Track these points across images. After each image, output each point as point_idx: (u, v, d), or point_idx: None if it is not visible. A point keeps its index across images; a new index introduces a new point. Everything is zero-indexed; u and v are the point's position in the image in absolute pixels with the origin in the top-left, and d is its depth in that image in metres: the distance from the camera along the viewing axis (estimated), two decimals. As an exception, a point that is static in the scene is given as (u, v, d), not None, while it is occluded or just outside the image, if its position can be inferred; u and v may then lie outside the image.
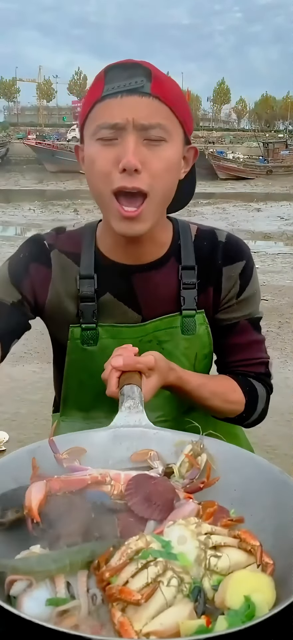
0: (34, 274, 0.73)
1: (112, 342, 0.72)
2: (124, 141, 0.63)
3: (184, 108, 0.67)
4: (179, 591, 0.40)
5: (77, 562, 0.41)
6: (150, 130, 0.63)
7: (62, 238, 0.76)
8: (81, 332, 0.73)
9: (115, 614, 0.38)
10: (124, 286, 0.73)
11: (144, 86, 0.62)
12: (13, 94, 67.81)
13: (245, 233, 7.59)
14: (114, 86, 0.62)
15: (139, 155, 0.63)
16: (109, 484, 0.51)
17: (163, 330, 0.73)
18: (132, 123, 0.62)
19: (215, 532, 0.45)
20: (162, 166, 0.64)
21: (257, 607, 0.39)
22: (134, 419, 0.59)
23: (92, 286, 0.72)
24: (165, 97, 0.64)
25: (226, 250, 0.75)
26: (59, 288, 0.73)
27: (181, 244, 0.74)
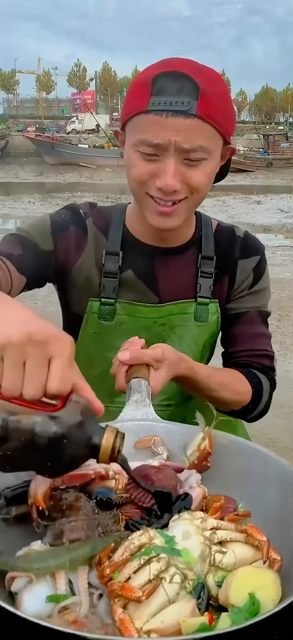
0: (72, 235, 0.75)
1: (128, 319, 0.74)
2: (164, 161, 0.64)
3: (227, 116, 0.66)
4: (182, 588, 0.39)
5: (78, 559, 0.41)
6: (192, 153, 0.64)
7: (94, 211, 0.78)
8: (100, 306, 0.75)
9: (116, 610, 0.38)
10: (146, 266, 0.75)
11: (191, 107, 0.62)
12: (12, 86, 67.18)
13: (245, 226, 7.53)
14: (161, 102, 0.62)
15: (178, 175, 0.64)
16: (113, 479, 0.51)
17: (177, 315, 0.75)
18: (174, 145, 0.63)
19: (221, 527, 0.44)
20: (202, 181, 0.66)
21: (261, 604, 0.38)
22: (140, 413, 0.59)
23: (117, 262, 0.75)
24: (210, 116, 0.63)
25: (243, 245, 0.78)
26: (90, 256, 0.75)
27: (203, 235, 0.77)
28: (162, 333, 0.75)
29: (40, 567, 0.40)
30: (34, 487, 0.47)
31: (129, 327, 0.74)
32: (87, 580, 0.40)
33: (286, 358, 2.90)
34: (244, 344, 0.78)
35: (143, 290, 0.75)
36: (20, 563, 0.40)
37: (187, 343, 0.75)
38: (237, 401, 0.76)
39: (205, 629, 0.37)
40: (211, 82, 0.64)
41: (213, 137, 0.65)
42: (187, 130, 0.62)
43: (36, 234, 0.74)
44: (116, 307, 0.75)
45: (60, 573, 0.40)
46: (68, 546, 0.42)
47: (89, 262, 0.76)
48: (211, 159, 0.66)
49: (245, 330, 0.78)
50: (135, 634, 0.36)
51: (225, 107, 0.66)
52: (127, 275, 0.75)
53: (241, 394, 0.76)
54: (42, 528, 0.45)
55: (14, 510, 0.47)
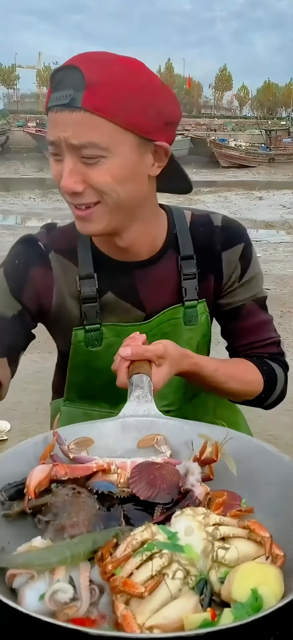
0: (36, 280, 0.69)
1: (117, 340, 0.70)
2: (64, 160, 0.59)
3: (136, 107, 0.58)
4: (185, 584, 0.39)
5: (79, 554, 0.40)
6: (83, 150, 0.58)
7: (55, 236, 0.72)
8: (85, 334, 0.71)
9: (119, 606, 0.37)
10: (126, 284, 0.71)
11: (75, 99, 0.56)
12: (12, 81, 66.84)
13: (247, 222, 7.51)
14: (53, 97, 0.59)
15: (77, 176, 0.59)
16: (115, 473, 0.50)
17: (166, 322, 0.72)
18: (65, 142, 0.58)
19: (224, 523, 0.44)
20: (108, 181, 0.59)
21: (264, 600, 0.38)
22: (142, 409, 0.58)
23: (94, 286, 0.70)
24: (99, 109, 0.57)
25: (223, 235, 0.73)
26: (62, 289, 0.71)
27: (177, 233, 0.72)
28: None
29: (42, 563, 0.40)
30: (30, 475, 0.47)
31: (119, 347, 0.68)
32: (88, 577, 0.40)
33: (288, 354, 2.83)
34: (247, 337, 0.76)
35: (127, 308, 0.71)
36: (21, 560, 0.40)
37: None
38: (247, 391, 0.73)
39: (207, 625, 0.37)
40: (106, 73, 0.57)
41: (109, 132, 0.57)
42: (74, 125, 0.57)
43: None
44: (103, 331, 0.70)
45: (59, 569, 0.39)
46: (69, 541, 0.42)
47: (63, 297, 0.70)
48: (114, 157, 0.58)
49: (245, 324, 0.75)
50: (137, 630, 0.36)
51: (130, 99, 0.58)
52: (107, 298, 0.71)
53: (251, 384, 0.73)
54: (43, 524, 0.45)
55: (16, 506, 0.47)
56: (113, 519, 0.46)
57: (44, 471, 0.47)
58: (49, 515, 0.45)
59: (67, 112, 0.57)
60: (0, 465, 0.50)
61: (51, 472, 0.48)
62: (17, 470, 0.50)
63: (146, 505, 0.48)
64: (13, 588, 0.40)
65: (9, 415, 2.24)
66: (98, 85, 0.57)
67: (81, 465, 0.51)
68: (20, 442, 0.55)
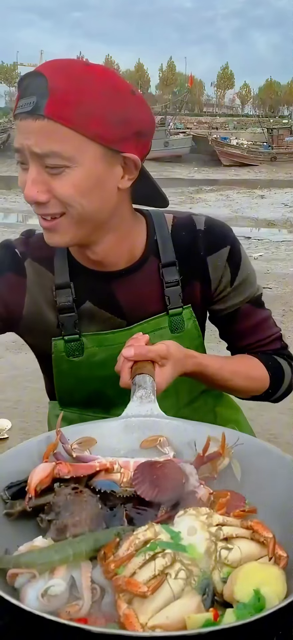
0: (5, 286, 0.68)
1: (99, 350, 0.69)
2: (28, 169, 0.58)
3: (100, 116, 0.56)
4: (187, 584, 0.39)
5: (81, 552, 0.40)
6: (46, 159, 0.56)
7: (33, 243, 0.70)
8: (65, 344, 0.69)
9: (121, 605, 0.37)
10: (104, 293, 0.69)
11: (38, 107, 0.55)
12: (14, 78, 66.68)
13: (248, 220, 7.50)
14: (19, 105, 0.58)
15: (40, 185, 0.57)
16: (118, 472, 0.50)
17: (151, 332, 0.69)
18: (28, 151, 0.57)
19: (227, 523, 0.44)
20: (71, 192, 0.57)
21: (266, 600, 0.38)
22: (145, 409, 0.58)
23: (70, 296, 0.68)
24: (61, 117, 0.55)
25: (207, 239, 0.70)
26: (36, 298, 0.69)
27: (158, 239, 0.69)
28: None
29: (45, 562, 0.39)
30: (32, 473, 0.47)
31: (102, 357, 0.68)
32: (90, 577, 0.40)
33: (289, 353, 2.87)
34: (248, 338, 0.75)
35: (107, 318, 0.69)
36: (24, 560, 0.40)
37: None
38: (253, 388, 0.72)
39: (210, 625, 0.37)
40: (70, 80, 0.56)
41: (73, 142, 0.56)
42: (37, 133, 0.56)
43: None
44: (83, 342, 0.68)
45: (59, 569, 0.39)
46: (71, 540, 0.42)
47: (36, 305, 0.69)
48: (77, 167, 0.57)
49: (245, 326, 0.73)
50: (140, 629, 0.36)
51: (93, 107, 0.56)
52: (86, 307, 0.68)
53: (257, 379, 0.72)
54: (46, 523, 0.45)
55: (18, 505, 0.47)
56: (115, 519, 0.46)
57: (46, 470, 0.47)
58: (52, 514, 0.45)
59: (31, 120, 0.56)
60: (4, 463, 0.50)
61: (54, 471, 0.48)
62: (20, 468, 0.50)
63: (149, 505, 0.48)
64: (14, 587, 0.40)
65: (10, 413, 2.24)
66: (61, 93, 0.55)
67: (84, 464, 0.51)
68: (22, 440, 0.56)
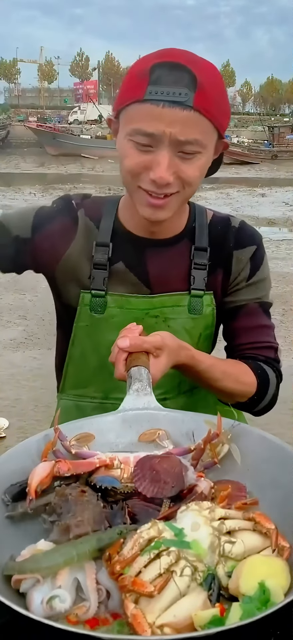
0: (58, 226, 0.74)
1: (119, 311, 0.73)
2: (158, 153, 0.62)
3: (223, 110, 0.65)
4: (193, 580, 0.39)
5: (85, 553, 0.40)
6: (186, 146, 0.62)
7: (87, 202, 0.77)
8: (91, 298, 0.73)
9: (128, 605, 0.37)
10: (137, 258, 0.74)
11: (188, 99, 0.60)
12: (14, 75, 66.48)
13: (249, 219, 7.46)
14: (158, 91, 0.60)
15: (171, 168, 0.63)
16: (118, 468, 0.50)
17: (170, 307, 0.73)
18: (169, 137, 0.61)
19: (229, 517, 0.44)
20: (195, 175, 0.65)
21: (271, 592, 0.38)
22: (142, 402, 0.58)
23: (106, 254, 0.73)
24: (206, 110, 0.62)
25: (238, 235, 0.76)
26: (80, 246, 0.74)
27: (196, 225, 0.75)
28: (155, 326, 0.72)
29: (49, 565, 0.39)
30: (32, 474, 0.46)
31: (120, 319, 0.71)
32: (95, 578, 0.40)
33: (290, 353, 2.87)
34: (246, 336, 0.76)
35: (134, 282, 0.74)
36: (28, 565, 0.39)
37: (181, 336, 0.72)
38: (241, 391, 0.74)
39: (216, 621, 0.36)
40: (208, 75, 0.63)
41: (208, 131, 0.63)
42: (183, 122, 0.61)
43: (15, 220, 0.74)
44: (107, 300, 0.73)
45: (62, 573, 0.39)
46: (74, 541, 0.41)
47: (78, 253, 0.74)
48: (205, 153, 0.64)
49: (246, 323, 0.76)
50: (148, 629, 0.36)
51: (221, 101, 0.64)
52: (117, 267, 0.74)
53: (245, 384, 0.74)
54: (49, 524, 0.44)
55: (20, 507, 0.46)
56: (118, 517, 0.45)
57: (46, 469, 0.47)
58: (54, 515, 0.44)
59: (178, 110, 0.60)
60: (4, 464, 0.50)
61: (54, 469, 0.47)
62: (20, 468, 0.49)
63: (151, 500, 0.47)
64: (19, 591, 0.40)
65: (8, 412, 2.22)
66: (205, 87, 0.61)
67: (84, 461, 0.51)
68: (20, 440, 0.56)
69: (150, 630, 0.36)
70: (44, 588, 0.38)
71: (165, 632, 0.36)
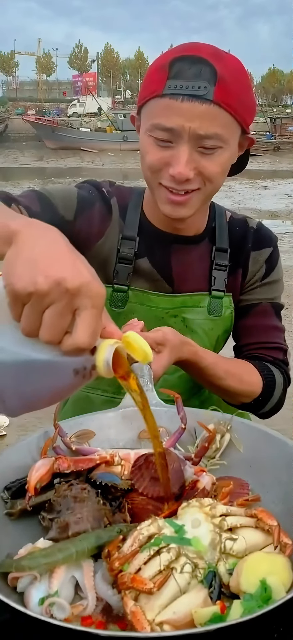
0: (97, 213, 0.73)
1: (140, 307, 0.72)
2: (178, 148, 0.61)
3: (246, 105, 0.63)
4: (193, 577, 0.38)
5: (84, 550, 0.40)
6: (206, 140, 0.61)
7: (115, 191, 0.76)
8: (112, 292, 0.73)
9: (128, 603, 0.37)
10: (162, 255, 0.73)
11: (208, 92, 0.59)
12: (11, 68, 65.89)
13: (251, 212, 7.40)
14: (177, 85, 0.59)
15: (191, 163, 0.62)
16: (119, 464, 0.50)
17: (190, 307, 0.73)
18: (189, 132, 0.60)
19: (231, 513, 0.43)
20: (216, 171, 0.63)
21: (273, 589, 0.37)
22: None
23: (133, 248, 0.72)
24: (227, 103, 0.60)
25: (256, 237, 0.76)
26: (112, 236, 0.73)
27: (216, 226, 0.75)
28: (174, 325, 0.72)
29: (48, 562, 0.39)
30: (32, 471, 0.46)
31: (140, 316, 0.69)
32: (93, 576, 0.39)
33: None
34: (256, 336, 0.76)
35: (156, 278, 0.73)
36: (26, 562, 0.39)
37: (199, 337, 0.73)
38: (245, 392, 0.73)
39: (217, 618, 0.36)
40: (230, 69, 0.61)
41: (229, 126, 0.62)
42: (203, 116, 0.59)
43: (59, 199, 0.72)
44: (129, 295, 0.72)
45: (58, 572, 0.39)
46: (73, 539, 0.41)
47: (110, 243, 0.73)
48: (227, 148, 0.63)
49: (257, 322, 0.76)
50: (147, 626, 0.35)
51: (243, 95, 0.63)
52: (142, 262, 0.73)
53: (250, 384, 0.73)
54: (48, 521, 0.44)
55: (19, 504, 0.46)
56: (117, 514, 0.45)
57: (46, 466, 0.46)
58: (53, 513, 0.44)
59: (197, 103, 0.59)
60: (4, 462, 0.50)
61: (54, 466, 0.47)
62: (20, 466, 0.49)
63: (150, 496, 0.47)
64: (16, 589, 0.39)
65: (7, 410, 2.18)
66: (226, 80, 0.60)
67: (84, 457, 0.50)
68: (20, 437, 0.56)
69: (149, 627, 0.35)
70: (41, 586, 0.38)
71: (164, 629, 0.36)
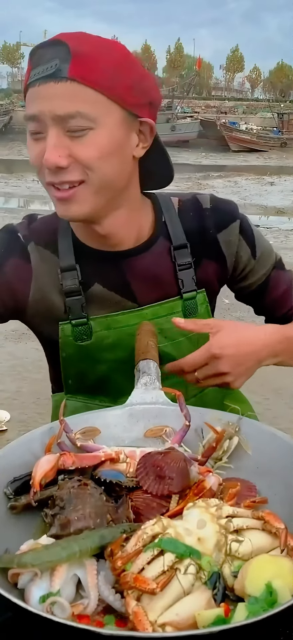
0: (11, 272, 0.66)
1: (108, 333, 0.67)
2: (47, 135, 0.57)
3: (122, 80, 0.57)
4: (197, 579, 0.38)
5: (87, 549, 0.39)
6: (70, 121, 0.56)
7: (36, 228, 0.68)
8: (72, 328, 0.67)
9: (130, 603, 0.36)
10: (114, 275, 0.67)
11: (60, 69, 0.55)
12: (17, 59, 65.60)
13: (257, 208, 7.32)
14: (35, 72, 0.57)
15: (61, 149, 0.56)
16: (124, 462, 0.49)
17: (164, 316, 0.68)
18: (49, 115, 0.56)
19: (237, 515, 0.42)
20: (93, 155, 0.57)
21: (278, 593, 0.37)
22: (150, 396, 0.57)
23: (76, 278, 0.66)
24: (86, 78, 0.55)
25: (215, 217, 0.70)
26: (42, 283, 0.67)
27: (166, 221, 0.69)
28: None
29: (52, 560, 0.38)
30: (36, 467, 0.46)
31: (111, 339, 0.66)
32: (96, 575, 0.39)
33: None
34: (284, 304, 0.73)
35: (117, 301, 0.67)
36: (29, 559, 0.38)
37: (181, 344, 0.68)
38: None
39: (220, 621, 0.35)
40: (94, 46, 0.57)
41: (97, 103, 0.56)
42: (60, 95, 0.55)
43: None
44: (91, 325, 0.66)
45: (59, 570, 0.38)
46: (76, 537, 0.40)
47: (41, 291, 0.66)
48: (100, 129, 0.57)
49: (278, 293, 0.73)
50: (149, 627, 0.35)
51: (116, 71, 0.57)
52: (94, 290, 0.66)
53: None
54: (50, 518, 0.44)
55: (23, 499, 0.45)
56: (121, 511, 0.44)
57: (50, 462, 0.46)
58: (56, 509, 0.44)
59: (52, 83, 0.55)
60: (7, 457, 0.49)
61: (58, 462, 0.47)
62: (23, 461, 0.48)
63: (155, 494, 0.46)
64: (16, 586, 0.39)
65: (9, 405, 2.17)
66: (84, 56, 0.56)
67: (89, 454, 0.50)
68: (21, 433, 0.55)
69: (151, 628, 0.35)
70: (42, 583, 0.38)
71: (166, 631, 0.35)
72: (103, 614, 0.38)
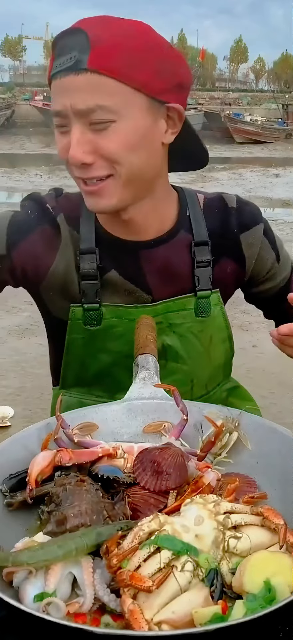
0: (39, 238, 0.65)
1: (118, 322, 0.66)
2: (71, 130, 0.56)
3: (146, 66, 0.55)
4: (194, 576, 0.37)
5: (83, 547, 0.39)
6: (91, 114, 0.54)
7: (62, 203, 0.68)
8: (83, 312, 0.66)
9: (126, 600, 0.36)
10: (131, 264, 0.66)
11: (80, 61, 0.53)
12: (19, 52, 65.26)
13: (262, 200, 7.22)
14: (57, 64, 0.55)
15: (86, 145, 0.55)
16: (122, 457, 0.49)
17: (176, 312, 0.67)
18: (71, 109, 0.55)
19: (236, 511, 0.42)
20: (118, 148, 0.56)
21: (277, 591, 0.36)
22: (148, 391, 0.56)
23: (94, 262, 0.65)
24: (107, 68, 0.54)
25: (240, 217, 0.70)
26: (66, 256, 0.66)
27: (191, 216, 0.68)
28: (160, 332, 0.66)
29: (48, 559, 0.38)
30: (33, 463, 0.45)
31: (120, 329, 0.66)
32: (92, 572, 0.38)
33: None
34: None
35: (132, 290, 0.67)
36: (25, 558, 0.38)
37: (189, 342, 0.68)
38: None
39: (218, 619, 0.35)
40: (112, 32, 0.55)
41: (119, 93, 0.54)
42: (80, 88, 0.54)
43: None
44: (102, 311, 0.66)
45: (54, 568, 0.38)
46: (72, 534, 0.40)
47: (67, 264, 0.66)
48: (123, 120, 0.55)
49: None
50: (145, 626, 0.34)
51: (138, 57, 0.55)
52: (110, 276, 0.66)
53: None
54: (46, 515, 0.43)
55: (19, 496, 0.45)
56: (117, 507, 0.44)
57: (47, 458, 0.46)
58: (52, 506, 0.43)
59: (72, 76, 0.54)
60: (3, 453, 0.49)
61: (55, 458, 0.46)
62: (20, 458, 0.48)
63: (152, 490, 0.46)
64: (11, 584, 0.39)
65: (12, 400, 2.18)
66: (104, 44, 0.54)
67: (86, 450, 0.49)
68: (23, 428, 0.54)
69: (147, 626, 0.34)
70: (37, 582, 0.37)
71: (163, 629, 0.35)
72: (100, 611, 0.38)
